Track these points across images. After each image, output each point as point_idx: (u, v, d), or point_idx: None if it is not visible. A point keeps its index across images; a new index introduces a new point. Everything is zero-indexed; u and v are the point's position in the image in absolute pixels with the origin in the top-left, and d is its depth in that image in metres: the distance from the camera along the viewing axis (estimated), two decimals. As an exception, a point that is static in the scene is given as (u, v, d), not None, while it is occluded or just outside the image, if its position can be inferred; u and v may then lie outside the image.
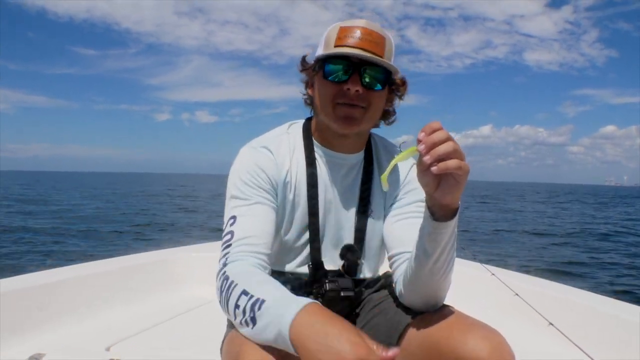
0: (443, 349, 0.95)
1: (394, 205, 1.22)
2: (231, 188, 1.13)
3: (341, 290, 1.15)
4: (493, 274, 2.36)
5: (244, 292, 0.90)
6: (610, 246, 12.75)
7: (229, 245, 1.04)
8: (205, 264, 2.77)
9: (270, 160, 1.15)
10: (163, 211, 21.02)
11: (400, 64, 1.14)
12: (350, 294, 1.16)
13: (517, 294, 2.08)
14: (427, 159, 0.83)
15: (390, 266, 1.19)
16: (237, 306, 0.90)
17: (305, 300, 0.83)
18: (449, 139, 0.84)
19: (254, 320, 0.85)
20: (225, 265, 1.01)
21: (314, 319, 0.79)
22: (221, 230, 1.11)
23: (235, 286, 0.92)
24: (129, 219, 16.98)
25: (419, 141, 0.85)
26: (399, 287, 1.12)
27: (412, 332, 1.04)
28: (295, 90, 1.23)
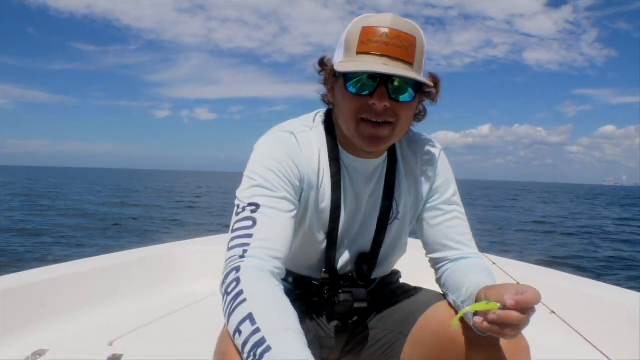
0: (456, 338, 0.95)
1: (428, 204, 1.16)
2: (254, 172, 1.00)
3: (355, 301, 1.11)
4: (494, 263, 2.36)
5: (250, 318, 0.77)
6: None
7: (250, 237, 0.93)
8: (208, 257, 2.77)
9: (301, 154, 1.05)
10: (163, 207, 21.04)
11: None
12: (364, 305, 1.12)
13: (518, 283, 2.08)
14: (494, 327, 0.83)
15: (432, 265, 1.18)
16: (239, 331, 0.77)
17: None
18: (527, 318, 0.82)
19: None
20: (242, 258, 0.90)
21: None
22: (222, 224, 1.04)
23: (243, 302, 0.81)
24: (129, 213, 17.01)
25: (504, 306, 0.82)
26: (444, 281, 1.12)
27: (425, 321, 1.04)
28: (295, 89, 1.18)
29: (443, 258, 1.13)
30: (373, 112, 0.96)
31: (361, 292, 1.12)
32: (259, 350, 0.72)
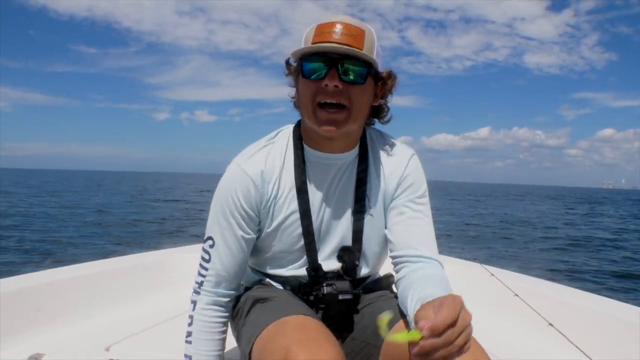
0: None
1: (393, 204, 1.20)
2: (213, 208, 1.19)
3: (339, 293, 1.14)
4: (492, 275, 2.36)
5: (187, 340, 1.19)
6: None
7: (205, 269, 1.20)
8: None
9: (251, 185, 1.14)
10: (162, 211, 21.00)
11: (400, 65, 1.12)
12: (348, 296, 1.15)
13: (516, 295, 2.08)
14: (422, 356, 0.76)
15: (393, 266, 1.18)
16: (186, 341, 1.20)
17: None
18: (451, 340, 0.74)
19: None
20: (197, 293, 1.21)
21: None
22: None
23: (189, 344, 1.19)
24: (127, 218, 16.99)
25: (423, 333, 0.73)
26: (398, 290, 1.12)
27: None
28: (293, 90, 1.21)
29: (403, 257, 1.13)
30: (326, 93, 1.04)
31: (344, 284, 1.15)
32: None
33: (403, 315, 1.05)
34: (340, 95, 1.04)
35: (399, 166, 1.21)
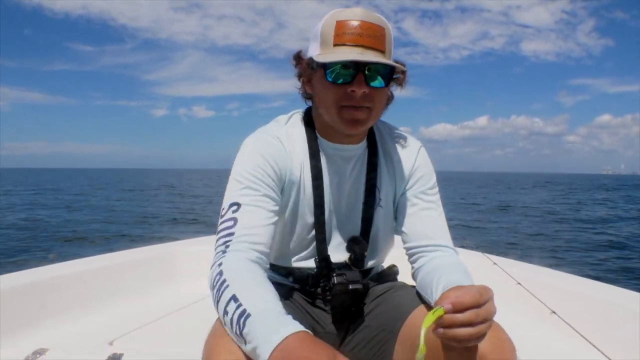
0: (442, 341, 0.95)
1: (405, 195, 1.20)
2: (237, 174, 1.07)
3: (349, 283, 1.13)
4: (495, 263, 2.36)
5: (234, 298, 0.85)
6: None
7: (231, 234, 0.99)
8: (206, 257, 2.77)
9: (280, 152, 1.12)
10: (161, 206, 21.05)
11: (397, 57, 1.10)
12: (359, 286, 1.14)
13: (519, 283, 2.08)
14: (442, 334, 0.79)
15: (408, 257, 1.19)
16: (225, 312, 0.85)
17: (291, 328, 0.77)
18: (473, 321, 0.77)
19: (242, 336, 0.81)
20: (224, 253, 0.97)
21: (298, 345, 0.74)
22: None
23: (226, 287, 0.88)
24: (127, 215, 17.04)
25: (445, 308, 0.77)
26: (417, 278, 1.13)
27: (414, 322, 1.04)
28: (292, 84, 1.19)
29: (418, 247, 1.14)
30: (353, 98, 1.04)
31: (355, 274, 1.15)
32: (242, 320, 0.81)
33: (422, 301, 1.07)
34: (366, 99, 1.05)
35: (409, 158, 1.21)
